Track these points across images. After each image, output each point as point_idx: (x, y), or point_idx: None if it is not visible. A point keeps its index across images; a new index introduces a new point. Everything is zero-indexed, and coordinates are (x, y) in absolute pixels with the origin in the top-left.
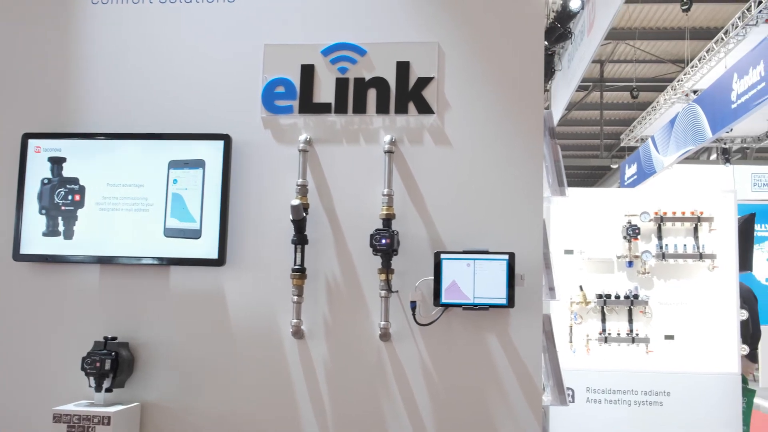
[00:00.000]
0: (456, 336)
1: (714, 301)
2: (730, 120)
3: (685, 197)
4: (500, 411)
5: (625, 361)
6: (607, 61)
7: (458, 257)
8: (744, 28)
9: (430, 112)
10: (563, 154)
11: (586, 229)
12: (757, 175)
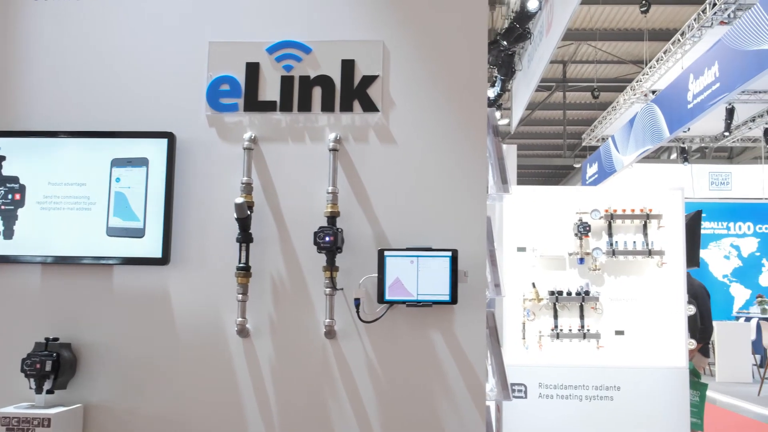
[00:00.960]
0: (401, 333)
1: (662, 296)
2: (686, 120)
3: (634, 195)
4: (445, 407)
5: (577, 356)
6: (569, 61)
7: (402, 254)
8: (700, 30)
9: (375, 111)
10: (527, 154)
11: (539, 226)
12: (714, 174)
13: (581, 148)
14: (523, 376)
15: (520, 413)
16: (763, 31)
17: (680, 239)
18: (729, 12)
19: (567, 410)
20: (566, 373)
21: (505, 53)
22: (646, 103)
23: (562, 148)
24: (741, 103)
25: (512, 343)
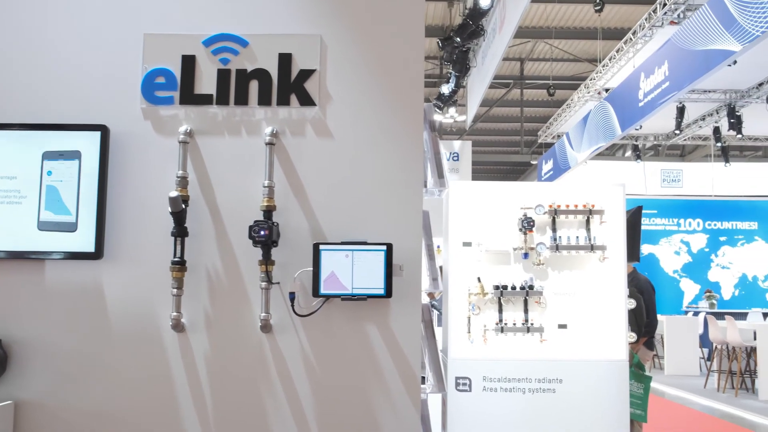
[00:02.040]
0: (337, 326)
1: (604, 290)
2: (638, 117)
3: (577, 191)
4: (380, 400)
5: (521, 350)
6: (527, 59)
7: (337, 248)
8: (651, 29)
9: (312, 105)
10: (486, 150)
11: (484, 222)
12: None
13: (538, 145)
14: (467, 369)
15: (464, 406)
16: (711, 31)
17: (621, 234)
18: (679, 12)
19: (510, 403)
20: (510, 367)
21: (459, 50)
22: (599, 101)
23: (519, 144)
24: (691, 102)
25: (457, 337)
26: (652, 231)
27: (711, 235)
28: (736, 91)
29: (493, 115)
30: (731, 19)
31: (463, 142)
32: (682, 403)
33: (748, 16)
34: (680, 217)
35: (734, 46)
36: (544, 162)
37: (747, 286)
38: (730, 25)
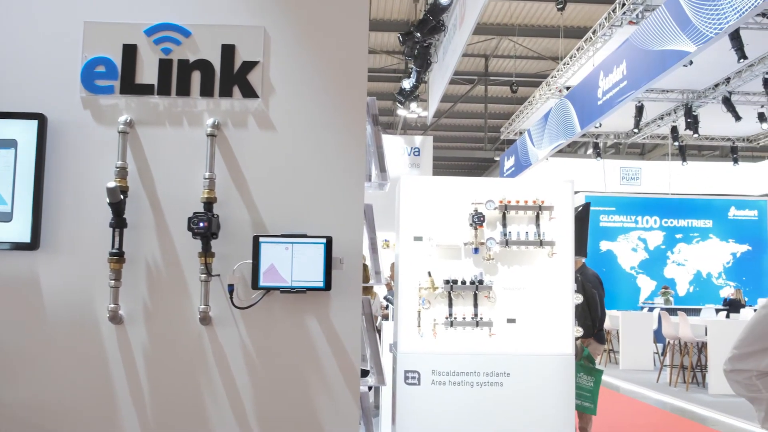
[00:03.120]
0: (277, 319)
1: (552, 285)
2: (597, 115)
3: (528, 187)
4: (320, 392)
5: (470, 344)
6: (491, 56)
7: (277, 241)
8: (610, 29)
9: (255, 97)
10: (450, 146)
11: (435, 216)
12: (625, 169)
13: (501, 142)
14: (417, 363)
15: (413, 400)
16: (667, 32)
17: (570, 230)
18: (637, 12)
19: (459, 396)
20: (459, 361)
21: (420, 45)
22: (560, 99)
23: (483, 141)
24: (650, 101)
25: (407, 331)
26: (610, 228)
27: (667, 232)
28: (693, 92)
29: (457, 111)
30: (686, 20)
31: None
32: (635, 397)
33: (702, 17)
34: (638, 215)
35: (689, 47)
36: (506, 158)
37: (701, 283)
38: (685, 26)
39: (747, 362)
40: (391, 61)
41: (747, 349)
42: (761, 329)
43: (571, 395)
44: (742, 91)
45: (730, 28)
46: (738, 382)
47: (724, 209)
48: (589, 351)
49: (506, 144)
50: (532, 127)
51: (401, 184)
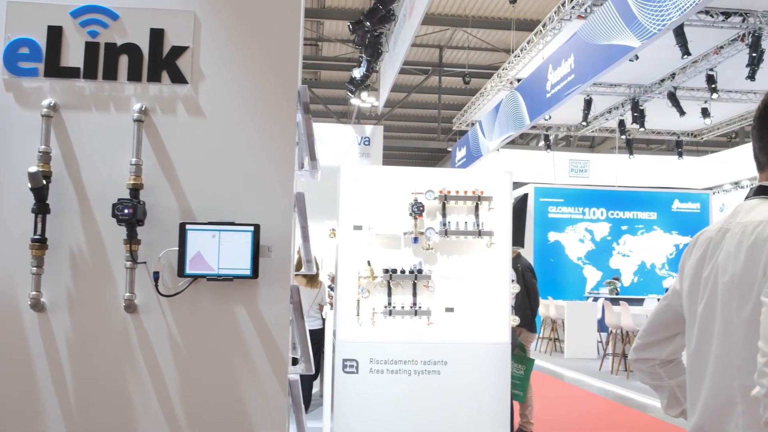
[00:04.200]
0: (204, 308)
1: (490, 275)
2: (545, 108)
3: (467, 177)
4: (248, 381)
5: (408, 332)
6: (445, 46)
7: (203, 228)
8: (560, 23)
9: (184, 82)
10: (404, 136)
11: (375, 206)
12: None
13: (454, 132)
14: (355, 352)
15: (351, 388)
16: (613, 26)
17: (508, 221)
18: (586, 6)
19: (396, 384)
20: (397, 349)
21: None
22: (511, 91)
23: (437, 131)
24: (598, 95)
25: (346, 319)
26: (558, 219)
27: (613, 224)
28: (639, 86)
29: (412, 101)
30: (632, 15)
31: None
32: (578, 385)
33: (647, 13)
34: (585, 206)
35: (634, 42)
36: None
37: (645, 274)
38: (630, 21)
39: (650, 351)
40: (345, 50)
41: (649, 339)
42: (662, 319)
43: (507, 383)
44: (686, 87)
45: (673, 24)
46: (642, 370)
47: (668, 202)
48: (521, 340)
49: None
50: (483, 119)
51: (341, 173)
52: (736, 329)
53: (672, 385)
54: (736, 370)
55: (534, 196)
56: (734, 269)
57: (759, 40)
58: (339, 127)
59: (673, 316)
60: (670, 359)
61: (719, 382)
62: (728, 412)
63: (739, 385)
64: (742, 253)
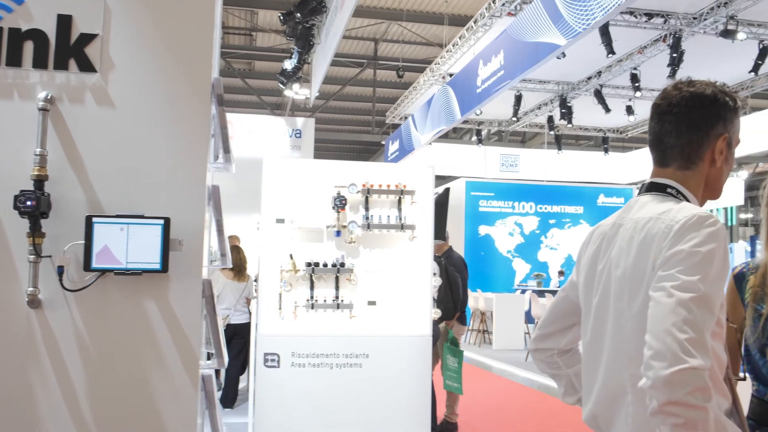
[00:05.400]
0: (112, 302)
1: (412, 269)
2: (476, 103)
3: (390, 171)
4: (157, 377)
5: (330, 326)
6: (380, 39)
7: (111, 221)
8: (491, 19)
9: (93, 71)
10: (339, 129)
11: (298, 199)
12: (504, 156)
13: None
14: (276, 345)
15: (272, 382)
16: (541, 24)
17: (430, 214)
18: (515, 4)
19: (318, 378)
20: (319, 342)
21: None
22: (443, 86)
23: (371, 124)
24: (528, 91)
25: (268, 313)
26: (488, 213)
27: (542, 217)
28: (567, 83)
29: (347, 93)
30: (558, 14)
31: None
32: (505, 376)
33: (573, 12)
34: (515, 200)
35: (560, 40)
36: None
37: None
38: (557, 19)
39: (548, 341)
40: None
41: (548, 330)
42: (560, 310)
43: (428, 375)
44: (612, 85)
45: (598, 23)
46: (541, 360)
47: (593, 196)
48: (453, 333)
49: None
50: (416, 113)
51: (264, 166)
52: (627, 322)
53: (569, 373)
54: (627, 361)
55: (465, 190)
56: (626, 264)
57: (679, 41)
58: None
59: (570, 308)
60: (568, 349)
61: (611, 373)
62: (619, 402)
63: (629, 375)
64: (633, 249)
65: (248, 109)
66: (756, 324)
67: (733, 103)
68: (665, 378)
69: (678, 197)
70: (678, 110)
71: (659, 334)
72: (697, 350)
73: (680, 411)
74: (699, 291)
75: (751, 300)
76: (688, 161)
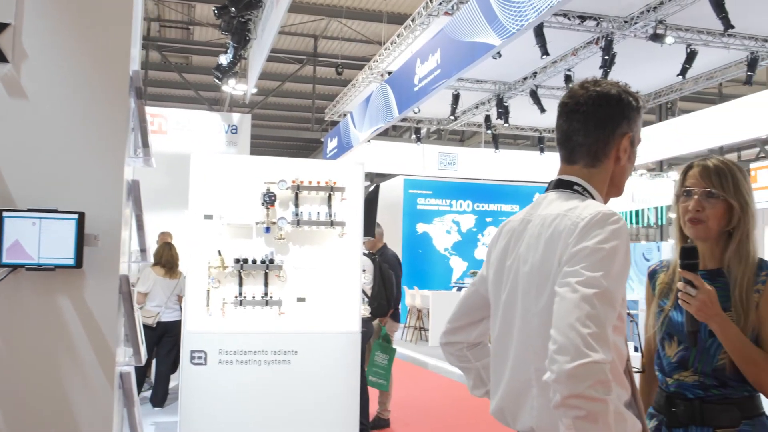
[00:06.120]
0: (24, 299)
1: (342, 265)
2: (413, 101)
3: (321, 168)
4: (72, 375)
5: (259, 323)
6: (320, 36)
7: (23, 215)
8: (428, 17)
9: (5, 61)
10: (279, 126)
11: (227, 195)
12: (443, 154)
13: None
14: (204, 343)
15: (199, 380)
16: (476, 24)
17: (359, 211)
18: (452, 4)
19: (245, 375)
20: (247, 340)
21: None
22: (381, 83)
23: (311, 121)
24: (466, 90)
25: (195, 310)
26: (426, 211)
27: (479, 216)
28: (504, 83)
29: (286, 90)
30: (493, 14)
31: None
32: (440, 373)
33: (507, 13)
34: (453, 199)
35: (495, 41)
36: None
37: None
38: (492, 20)
39: (458, 335)
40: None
41: (458, 323)
42: (470, 304)
43: (357, 371)
44: (547, 86)
45: (531, 24)
46: (451, 353)
47: (529, 195)
48: (387, 330)
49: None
50: (354, 110)
51: (191, 161)
52: (533, 317)
53: (478, 366)
54: (533, 355)
55: (403, 188)
56: (533, 260)
57: (611, 43)
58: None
59: (480, 301)
60: (477, 342)
61: (518, 367)
62: (525, 395)
63: (535, 369)
64: (541, 245)
65: (185, 104)
66: (658, 318)
67: (636, 102)
68: (568, 372)
69: (584, 194)
70: (586, 109)
71: (563, 329)
72: (599, 344)
73: (582, 404)
74: (602, 287)
75: (658, 295)
76: (594, 159)
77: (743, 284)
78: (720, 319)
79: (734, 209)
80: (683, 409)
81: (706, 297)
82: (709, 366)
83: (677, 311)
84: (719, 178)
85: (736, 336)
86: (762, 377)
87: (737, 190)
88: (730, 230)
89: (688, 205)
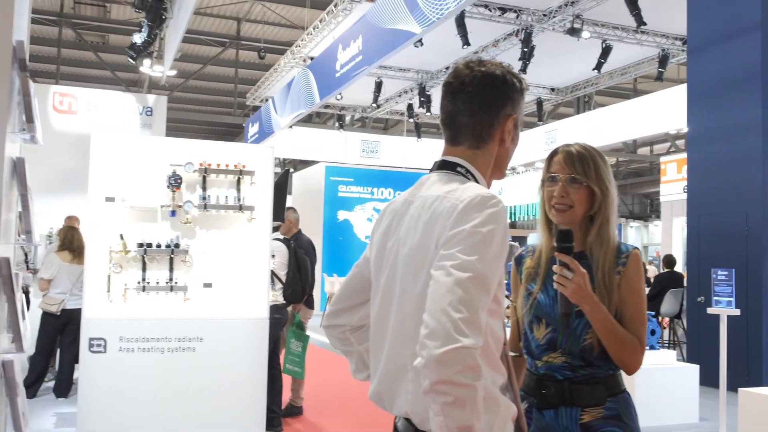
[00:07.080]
0: None
1: (250, 250)
2: (335, 87)
3: (229, 151)
4: None
5: (163, 309)
6: (243, 19)
7: None
8: (351, 3)
9: None
10: (200, 109)
11: (130, 176)
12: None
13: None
14: (103, 330)
15: (98, 369)
16: (398, 12)
17: (269, 196)
18: None
19: (148, 363)
20: (150, 326)
21: None
22: (303, 69)
23: (233, 106)
24: (389, 78)
25: (95, 296)
26: (347, 198)
27: None
28: (427, 72)
29: (208, 73)
30: (414, 2)
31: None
32: None
33: (428, 1)
34: (374, 186)
35: (416, 29)
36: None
37: None
38: (413, 8)
39: (341, 318)
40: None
41: (341, 306)
42: (353, 286)
43: (265, 359)
44: None
45: (451, 14)
46: (334, 336)
47: None
48: (300, 317)
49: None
50: (276, 95)
51: (92, 141)
52: (409, 300)
53: (360, 350)
54: (408, 339)
55: (325, 174)
56: (412, 242)
57: (530, 36)
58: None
59: (363, 284)
60: (360, 325)
61: (394, 351)
62: (400, 379)
63: (410, 353)
64: (420, 227)
65: (101, 85)
66: (526, 302)
67: (519, 84)
68: (437, 357)
69: (467, 176)
70: (471, 89)
71: (435, 313)
72: (470, 329)
73: (450, 389)
74: (476, 271)
75: (525, 280)
76: (479, 140)
77: (605, 267)
78: (592, 300)
79: (596, 195)
80: (553, 391)
81: (581, 279)
82: (576, 346)
83: (544, 294)
84: (582, 164)
85: (606, 317)
86: (627, 356)
87: (598, 176)
88: (592, 215)
89: (553, 191)
